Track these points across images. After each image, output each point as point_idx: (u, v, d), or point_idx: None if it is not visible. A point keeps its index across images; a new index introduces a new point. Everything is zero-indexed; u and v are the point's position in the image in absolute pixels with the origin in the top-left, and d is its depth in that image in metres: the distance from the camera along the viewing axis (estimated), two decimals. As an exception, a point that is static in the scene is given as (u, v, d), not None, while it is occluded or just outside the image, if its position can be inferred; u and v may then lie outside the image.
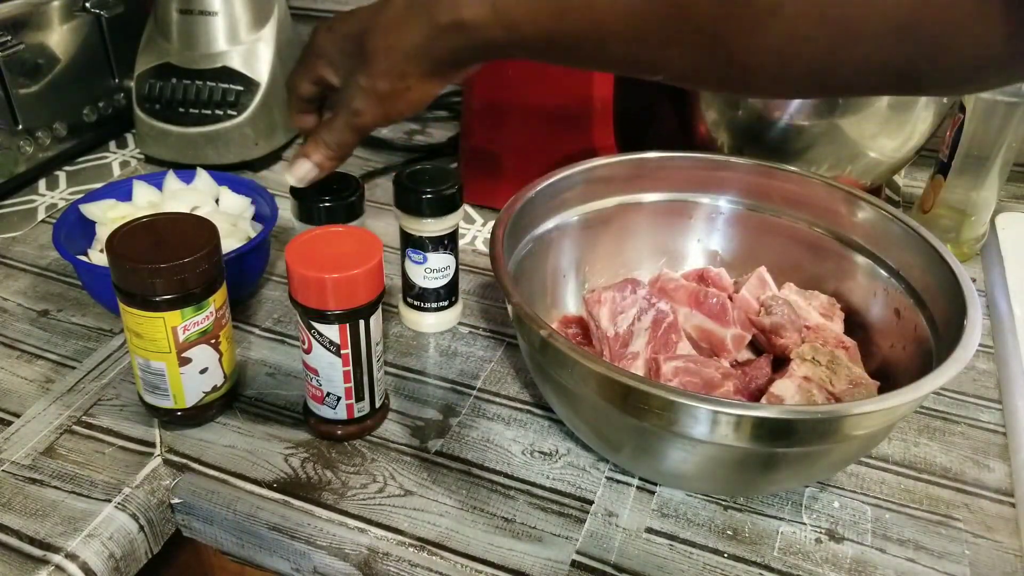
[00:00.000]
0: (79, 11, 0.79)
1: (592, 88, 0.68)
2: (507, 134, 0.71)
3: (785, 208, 0.59)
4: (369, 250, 0.47)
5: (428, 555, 0.44)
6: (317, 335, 0.47)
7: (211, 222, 0.48)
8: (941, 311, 0.48)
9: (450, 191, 0.55)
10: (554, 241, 0.57)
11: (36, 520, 0.45)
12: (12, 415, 0.52)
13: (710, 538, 0.46)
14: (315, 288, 0.45)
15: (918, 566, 0.45)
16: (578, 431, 0.49)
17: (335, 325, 0.46)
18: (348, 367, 0.48)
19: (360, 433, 0.51)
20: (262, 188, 0.65)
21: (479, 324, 0.62)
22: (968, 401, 0.56)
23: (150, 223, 0.48)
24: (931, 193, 0.70)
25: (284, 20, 0.84)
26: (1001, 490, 0.50)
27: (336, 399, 0.49)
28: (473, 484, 0.49)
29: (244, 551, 0.49)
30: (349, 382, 0.49)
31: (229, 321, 0.50)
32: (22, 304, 0.62)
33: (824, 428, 0.40)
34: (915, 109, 0.62)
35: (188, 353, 0.48)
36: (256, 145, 0.81)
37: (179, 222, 0.48)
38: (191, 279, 0.46)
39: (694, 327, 0.55)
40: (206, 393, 0.50)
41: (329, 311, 0.46)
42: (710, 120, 0.67)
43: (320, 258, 0.46)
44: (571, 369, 0.43)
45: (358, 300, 0.46)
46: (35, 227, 0.72)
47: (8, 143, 0.74)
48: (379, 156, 0.86)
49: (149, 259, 0.45)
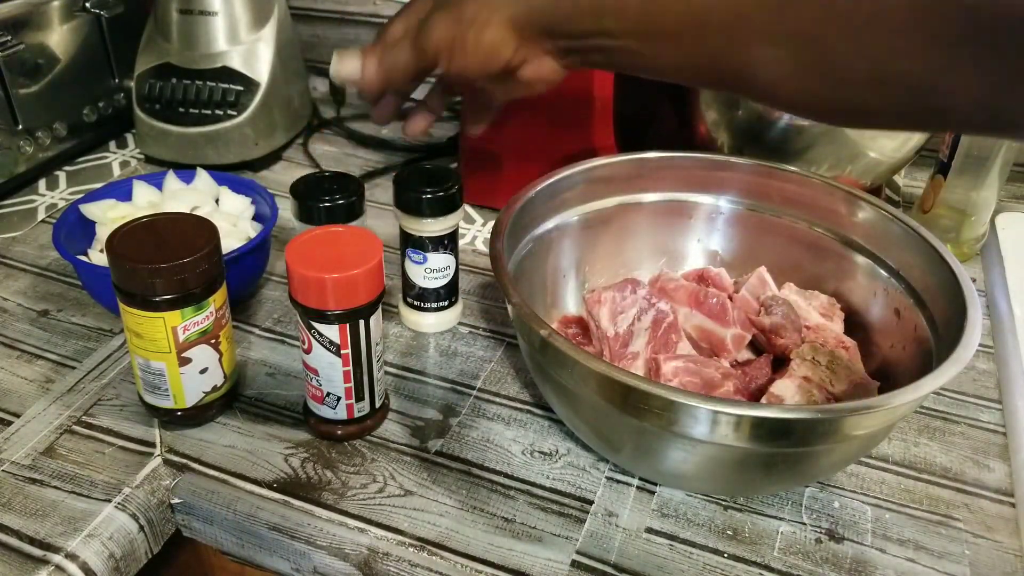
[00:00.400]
0: (79, 11, 0.79)
1: (592, 88, 0.68)
2: (507, 134, 0.71)
3: (785, 208, 0.59)
4: (369, 250, 0.46)
5: (428, 555, 0.44)
6: (317, 335, 0.47)
7: (211, 222, 0.48)
8: (941, 311, 0.48)
9: (450, 191, 0.55)
10: (554, 241, 0.57)
11: (36, 520, 0.45)
12: (12, 415, 0.52)
13: (710, 538, 0.46)
14: (315, 288, 0.45)
15: (918, 566, 0.45)
16: (578, 431, 0.49)
17: (335, 325, 0.46)
18: (348, 367, 0.48)
19: (360, 433, 0.51)
20: (262, 188, 0.65)
21: (479, 324, 0.62)
22: (968, 401, 0.56)
23: (150, 223, 0.48)
24: (931, 193, 0.70)
25: (284, 20, 0.84)
26: (1001, 490, 0.50)
27: (336, 399, 0.49)
28: (473, 484, 0.49)
29: (244, 551, 0.49)
30: (349, 382, 0.49)
31: (229, 321, 0.50)
32: (22, 304, 0.62)
33: (824, 428, 0.40)
34: (915, 109, 0.62)
35: (188, 353, 0.48)
36: (256, 145, 0.81)
37: (179, 222, 0.48)
38: (191, 279, 0.46)
39: (694, 327, 0.55)
40: (206, 393, 0.50)
41: (329, 311, 0.46)
42: (710, 120, 0.67)
43: (320, 258, 0.46)
44: (571, 369, 0.43)
45: (358, 300, 0.46)
46: (35, 227, 0.72)
47: (8, 143, 0.74)
48: (379, 156, 0.86)
49: (149, 259, 0.45)
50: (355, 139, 0.89)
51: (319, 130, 0.91)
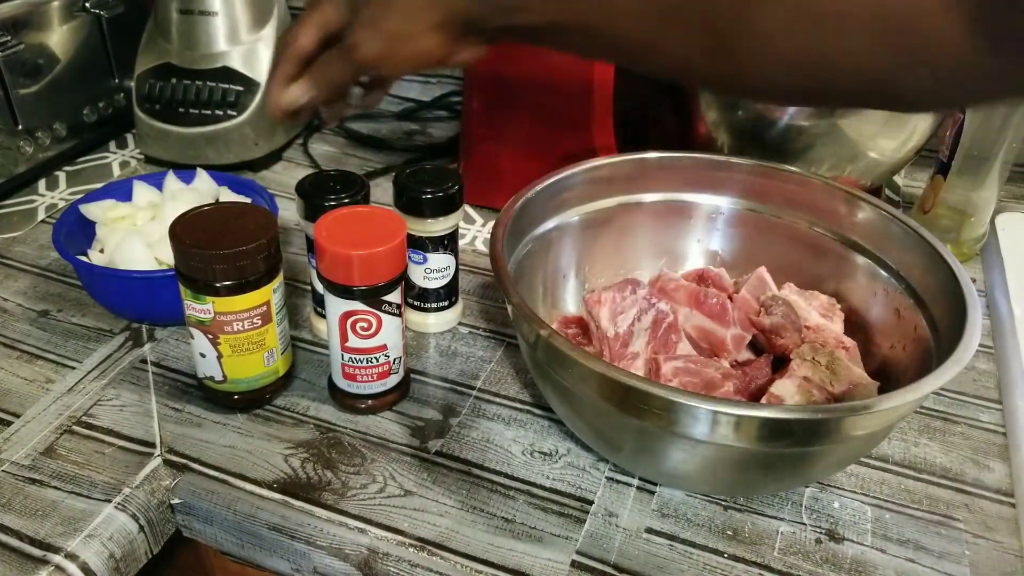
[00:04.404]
0: (79, 11, 0.79)
1: (592, 88, 0.68)
2: (507, 134, 0.71)
3: (785, 208, 0.59)
4: (388, 219, 0.50)
5: (428, 555, 0.44)
6: (386, 306, 0.49)
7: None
8: (941, 311, 0.48)
9: (450, 191, 0.55)
10: (554, 241, 0.57)
11: (36, 520, 0.45)
12: (12, 415, 0.52)
13: (710, 538, 0.46)
14: (380, 263, 0.48)
15: (918, 566, 0.45)
16: (578, 431, 0.49)
17: (396, 289, 0.49)
18: (403, 320, 0.52)
19: (406, 393, 0.55)
20: (262, 188, 0.65)
21: (479, 324, 0.62)
22: (968, 401, 0.56)
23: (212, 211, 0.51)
24: (931, 193, 0.70)
25: (284, 20, 0.83)
26: (1001, 490, 0.50)
27: (399, 361, 0.52)
28: (473, 484, 0.49)
29: (244, 551, 0.49)
30: (404, 337, 0.53)
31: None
32: (22, 304, 0.62)
33: (824, 428, 0.40)
34: (915, 109, 0.63)
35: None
36: (256, 145, 0.81)
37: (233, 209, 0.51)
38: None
39: (694, 327, 0.55)
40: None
41: (391, 280, 0.49)
42: (710, 120, 0.67)
43: (357, 238, 0.48)
44: (571, 369, 0.43)
45: (402, 263, 0.50)
46: (35, 227, 0.72)
47: (8, 143, 0.74)
48: (379, 156, 0.86)
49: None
50: (355, 139, 0.89)
51: (319, 130, 0.91)
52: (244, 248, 0.47)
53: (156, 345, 0.59)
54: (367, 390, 0.52)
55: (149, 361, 0.57)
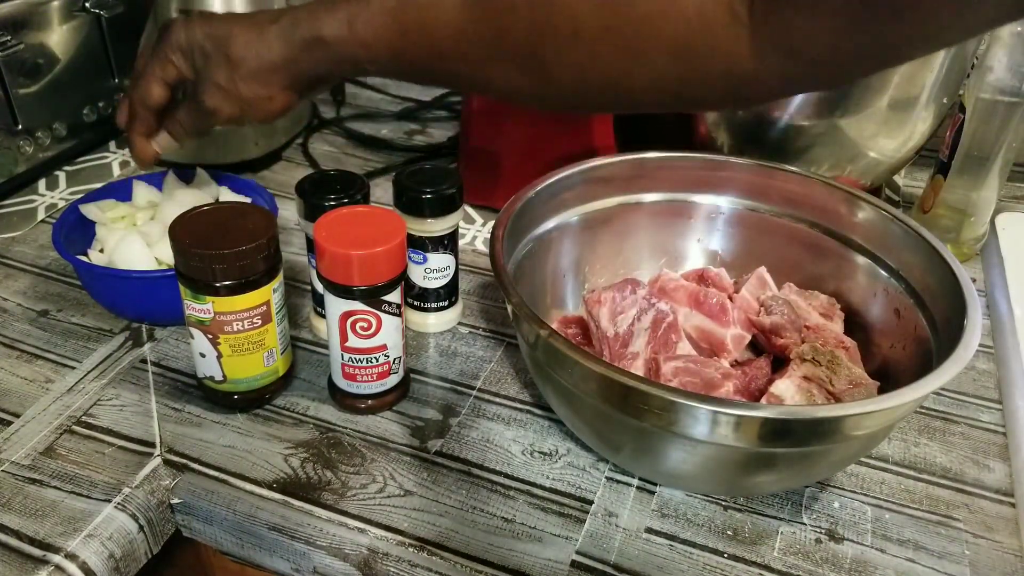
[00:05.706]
0: (79, 11, 0.79)
1: (592, 88, 0.68)
2: (507, 134, 0.71)
3: (785, 208, 0.59)
4: (386, 219, 0.50)
5: (428, 555, 0.44)
6: (385, 306, 0.49)
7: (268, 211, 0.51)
8: (941, 311, 0.48)
9: (450, 191, 0.55)
10: (554, 241, 0.57)
11: (36, 520, 0.45)
12: (12, 415, 0.52)
13: (710, 538, 0.46)
14: (379, 263, 0.48)
15: (918, 566, 0.45)
16: (578, 431, 0.49)
17: (396, 289, 0.49)
18: (403, 320, 0.52)
19: (406, 392, 0.55)
20: (262, 188, 0.65)
21: (479, 324, 0.62)
22: (968, 401, 0.56)
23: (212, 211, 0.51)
24: (931, 193, 0.70)
25: (284, 20, 0.83)
26: (1001, 490, 0.50)
27: (399, 361, 0.52)
28: (473, 484, 0.49)
29: (244, 551, 0.49)
30: (404, 337, 0.52)
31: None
32: (22, 304, 0.62)
33: (824, 428, 0.40)
34: (915, 109, 0.63)
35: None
36: (256, 145, 0.81)
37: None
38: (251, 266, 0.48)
39: (694, 327, 0.55)
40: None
41: (390, 280, 0.49)
42: (710, 120, 0.67)
43: (356, 238, 0.48)
44: (571, 369, 0.43)
45: (402, 263, 0.50)
46: (35, 227, 0.72)
47: (8, 143, 0.74)
48: (379, 156, 0.86)
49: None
50: (355, 139, 0.89)
51: (319, 130, 0.91)
52: (244, 248, 0.47)
53: (156, 345, 0.59)
54: (367, 390, 0.52)
55: (149, 361, 0.57)
